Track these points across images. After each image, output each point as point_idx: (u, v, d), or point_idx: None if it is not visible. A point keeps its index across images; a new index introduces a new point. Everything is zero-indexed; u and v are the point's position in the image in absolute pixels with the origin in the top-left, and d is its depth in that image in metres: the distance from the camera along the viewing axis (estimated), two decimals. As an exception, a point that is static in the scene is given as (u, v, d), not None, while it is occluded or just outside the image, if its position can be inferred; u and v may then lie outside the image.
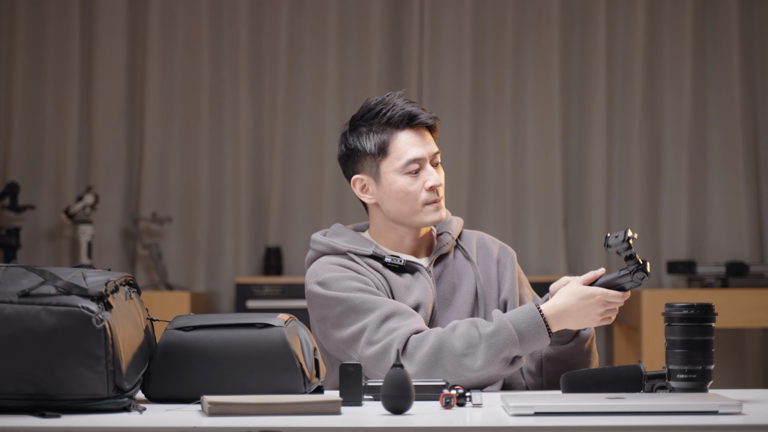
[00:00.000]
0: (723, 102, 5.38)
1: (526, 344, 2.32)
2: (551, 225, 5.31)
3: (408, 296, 2.47)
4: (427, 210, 2.50)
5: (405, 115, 2.49)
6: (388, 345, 2.32)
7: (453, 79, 5.35)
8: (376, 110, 2.52)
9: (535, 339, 2.33)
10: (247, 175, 5.33)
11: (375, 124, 2.51)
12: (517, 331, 2.32)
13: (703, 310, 2.11)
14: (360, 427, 1.81)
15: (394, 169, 2.49)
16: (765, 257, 5.37)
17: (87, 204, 5.10)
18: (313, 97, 5.35)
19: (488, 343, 2.30)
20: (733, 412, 1.85)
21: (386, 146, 2.50)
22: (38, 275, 1.95)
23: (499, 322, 2.33)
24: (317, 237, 2.56)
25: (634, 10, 5.37)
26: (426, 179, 2.49)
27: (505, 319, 2.33)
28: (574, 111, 5.41)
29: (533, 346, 2.34)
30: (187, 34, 5.35)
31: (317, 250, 2.54)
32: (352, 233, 2.56)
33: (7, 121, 5.29)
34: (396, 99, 2.52)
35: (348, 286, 2.42)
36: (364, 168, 2.54)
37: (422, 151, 2.49)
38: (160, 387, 2.05)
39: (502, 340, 2.30)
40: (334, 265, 2.48)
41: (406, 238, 2.54)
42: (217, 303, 5.32)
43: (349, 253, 2.51)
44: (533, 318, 2.33)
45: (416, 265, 2.51)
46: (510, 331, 2.31)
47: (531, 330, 2.32)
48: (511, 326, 2.32)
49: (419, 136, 2.50)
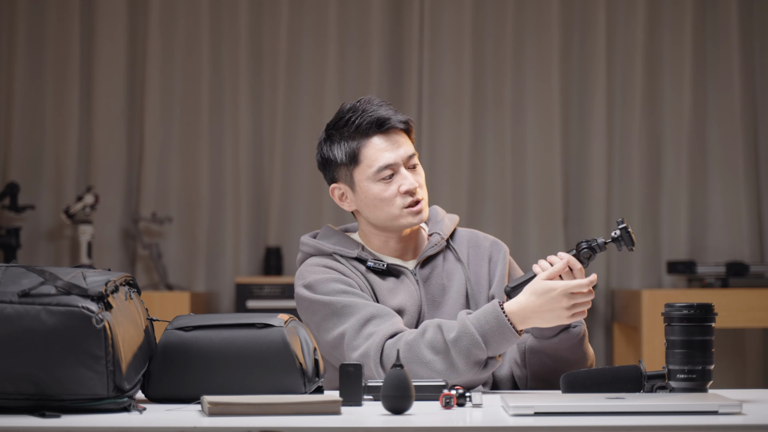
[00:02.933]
0: (723, 102, 5.38)
1: (492, 346, 2.28)
2: (551, 225, 5.31)
3: (392, 300, 2.45)
4: (405, 213, 2.47)
5: (373, 121, 2.46)
6: (366, 352, 2.32)
7: (453, 79, 5.35)
8: (346, 118, 2.48)
9: (501, 339, 2.28)
10: (247, 175, 5.33)
11: (345, 132, 2.48)
12: (481, 333, 2.27)
13: (703, 310, 2.11)
14: (360, 427, 1.81)
15: (367, 177, 2.47)
16: (765, 257, 5.37)
17: (87, 204, 5.10)
18: (313, 97, 5.35)
19: (455, 350, 2.28)
20: (733, 412, 1.85)
21: (357, 154, 2.47)
22: (38, 275, 1.95)
23: (461, 326, 2.29)
24: (305, 239, 2.56)
25: (634, 10, 5.37)
26: (400, 183, 2.46)
27: (468, 322, 2.29)
28: (574, 111, 5.41)
29: (500, 346, 2.29)
30: (187, 34, 5.35)
31: (305, 252, 2.55)
32: (340, 235, 2.55)
33: (7, 121, 5.29)
34: (366, 105, 2.48)
35: (332, 289, 2.42)
36: (339, 177, 2.51)
37: (393, 156, 2.46)
38: (160, 387, 2.05)
39: (465, 346, 2.27)
40: (320, 266, 2.48)
41: (390, 241, 2.53)
42: (217, 303, 5.32)
43: (335, 254, 2.50)
44: (496, 317, 2.28)
45: (401, 268, 2.50)
46: (472, 335, 2.27)
47: (495, 330, 2.27)
48: (474, 329, 2.27)
49: (390, 141, 2.47)
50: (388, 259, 2.52)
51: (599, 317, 5.32)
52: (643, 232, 5.34)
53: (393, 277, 2.50)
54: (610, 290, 5.34)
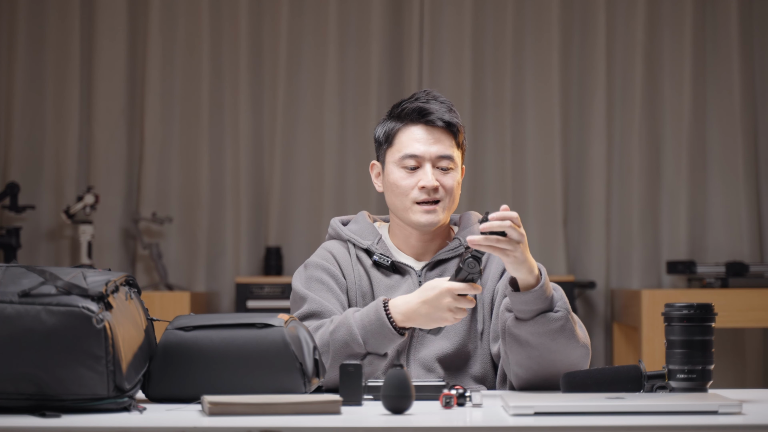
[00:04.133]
0: (723, 102, 5.38)
1: (370, 341, 2.29)
2: (551, 225, 5.31)
3: (389, 297, 2.43)
4: (416, 209, 2.47)
5: (416, 109, 2.48)
6: None
7: (453, 79, 5.35)
8: (401, 102, 2.53)
9: (380, 336, 2.29)
10: (247, 175, 5.33)
11: (394, 113, 2.52)
12: (361, 326, 2.29)
13: (702, 310, 2.11)
14: (360, 427, 1.81)
15: (393, 161, 2.49)
16: (765, 257, 5.37)
17: (87, 204, 5.10)
18: (313, 97, 5.35)
19: (332, 339, 2.30)
20: (733, 412, 1.85)
21: (392, 137, 2.50)
22: (38, 275, 1.95)
23: (342, 317, 2.32)
24: (333, 221, 2.60)
25: (634, 10, 5.38)
26: (420, 178, 2.47)
27: (350, 314, 2.32)
28: (574, 111, 5.41)
29: (380, 343, 2.29)
30: (187, 34, 5.35)
31: (329, 234, 2.60)
32: (367, 223, 2.56)
33: (7, 121, 5.29)
34: (424, 95, 2.51)
35: (311, 276, 2.47)
36: (378, 155, 2.56)
37: (422, 149, 2.47)
38: (160, 387, 2.05)
39: (341, 338, 2.30)
40: (326, 251, 2.52)
41: (411, 238, 2.52)
42: (217, 303, 5.32)
43: (349, 242, 2.53)
44: (375, 312, 2.29)
45: (406, 267, 2.49)
46: (349, 327, 2.30)
47: (374, 325, 2.29)
48: (352, 322, 2.30)
49: (430, 135, 2.48)
50: (400, 256, 2.52)
51: (599, 317, 5.32)
52: (643, 232, 5.34)
53: (398, 275, 2.49)
54: (610, 290, 5.34)
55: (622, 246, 5.36)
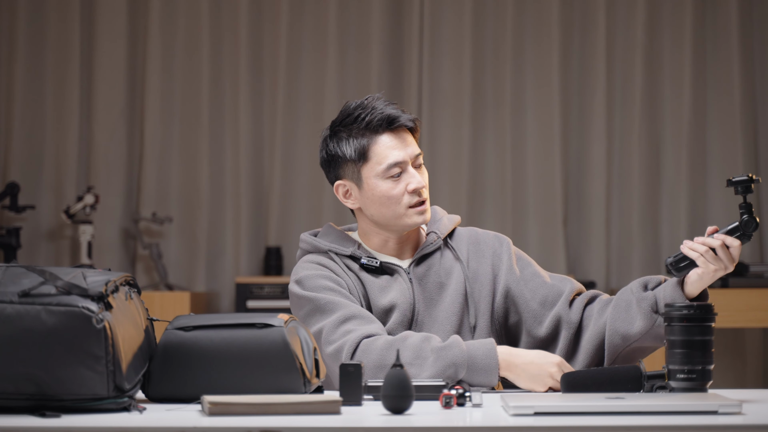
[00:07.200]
0: (723, 102, 5.38)
1: (473, 370, 2.29)
2: (551, 225, 5.31)
3: (382, 297, 2.47)
4: (410, 213, 2.49)
5: (384, 118, 2.48)
6: (339, 348, 2.35)
7: (453, 79, 5.35)
8: (355, 115, 2.49)
9: (484, 370, 2.30)
10: (247, 175, 5.33)
11: (354, 128, 2.49)
12: (470, 353, 2.30)
13: (702, 310, 2.11)
14: (360, 427, 1.81)
15: (376, 174, 2.48)
16: (765, 257, 5.37)
17: (87, 204, 5.10)
18: (313, 97, 5.35)
19: (437, 355, 2.30)
20: (733, 412, 1.85)
21: (366, 151, 2.48)
22: (38, 275, 1.95)
23: (453, 340, 2.33)
24: (304, 236, 2.58)
25: (634, 10, 5.38)
26: (408, 182, 2.48)
27: (460, 339, 2.33)
28: (574, 111, 5.41)
29: (480, 376, 2.30)
30: (187, 34, 5.35)
31: (303, 249, 2.57)
32: (338, 233, 2.56)
33: (7, 121, 5.29)
34: (375, 102, 2.50)
35: (319, 285, 2.45)
36: (345, 173, 2.52)
37: (403, 154, 2.48)
38: (160, 387, 2.05)
39: (452, 355, 2.29)
40: (313, 264, 2.51)
41: (389, 241, 2.55)
42: (217, 303, 5.32)
43: (330, 252, 2.53)
44: (489, 350, 2.31)
45: (394, 266, 2.51)
46: (462, 350, 2.30)
47: (483, 358, 2.30)
48: (465, 347, 2.31)
49: (399, 139, 2.49)
50: (383, 258, 2.54)
51: (599, 317, 5.31)
52: (643, 232, 5.34)
53: (386, 275, 2.51)
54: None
55: (622, 246, 5.36)
